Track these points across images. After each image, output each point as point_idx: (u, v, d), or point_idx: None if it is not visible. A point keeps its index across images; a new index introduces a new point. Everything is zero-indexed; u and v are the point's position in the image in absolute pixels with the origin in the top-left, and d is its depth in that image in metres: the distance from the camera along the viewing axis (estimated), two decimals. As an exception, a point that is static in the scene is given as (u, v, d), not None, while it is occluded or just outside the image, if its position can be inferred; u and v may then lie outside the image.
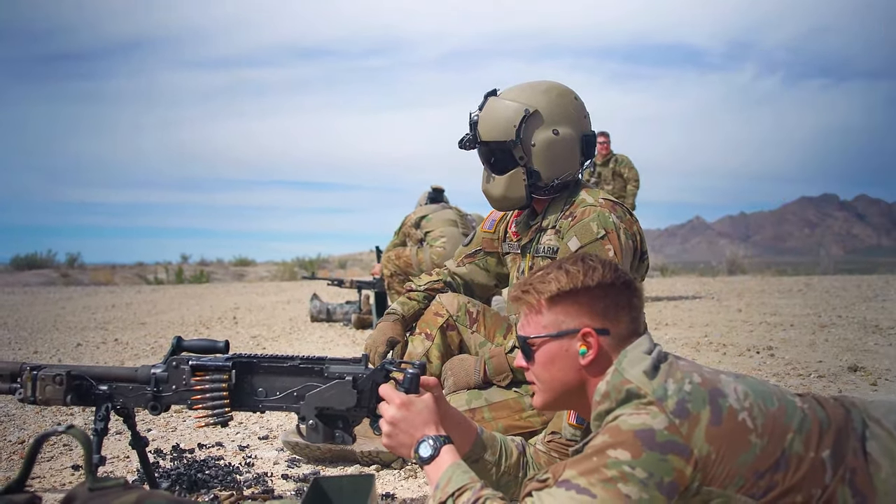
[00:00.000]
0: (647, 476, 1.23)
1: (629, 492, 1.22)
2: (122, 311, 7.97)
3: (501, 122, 2.27)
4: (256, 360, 1.75)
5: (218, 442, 2.69)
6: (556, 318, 1.44)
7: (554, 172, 2.28)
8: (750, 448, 1.27)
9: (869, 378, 3.70)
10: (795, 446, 1.29)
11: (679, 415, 1.27)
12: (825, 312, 6.51)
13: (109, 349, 5.22)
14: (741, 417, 1.29)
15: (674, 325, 6.03)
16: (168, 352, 1.77)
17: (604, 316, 1.42)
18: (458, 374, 2.40)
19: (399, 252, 5.81)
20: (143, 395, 1.74)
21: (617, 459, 1.24)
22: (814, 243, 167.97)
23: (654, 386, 1.31)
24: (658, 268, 16.35)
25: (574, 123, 2.30)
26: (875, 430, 1.36)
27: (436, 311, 2.48)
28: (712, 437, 1.26)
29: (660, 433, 1.25)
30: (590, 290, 1.42)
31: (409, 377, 1.58)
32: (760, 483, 1.26)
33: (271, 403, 1.74)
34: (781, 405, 1.33)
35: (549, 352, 1.45)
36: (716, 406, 1.29)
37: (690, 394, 1.30)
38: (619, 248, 2.15)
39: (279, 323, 6.87)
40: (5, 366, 1.71)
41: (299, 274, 15.12)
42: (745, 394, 1.33)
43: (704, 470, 1.25)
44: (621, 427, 1.28)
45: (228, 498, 2.07)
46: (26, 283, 13.99)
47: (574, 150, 2.30)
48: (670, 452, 1.24)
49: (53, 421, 3.09)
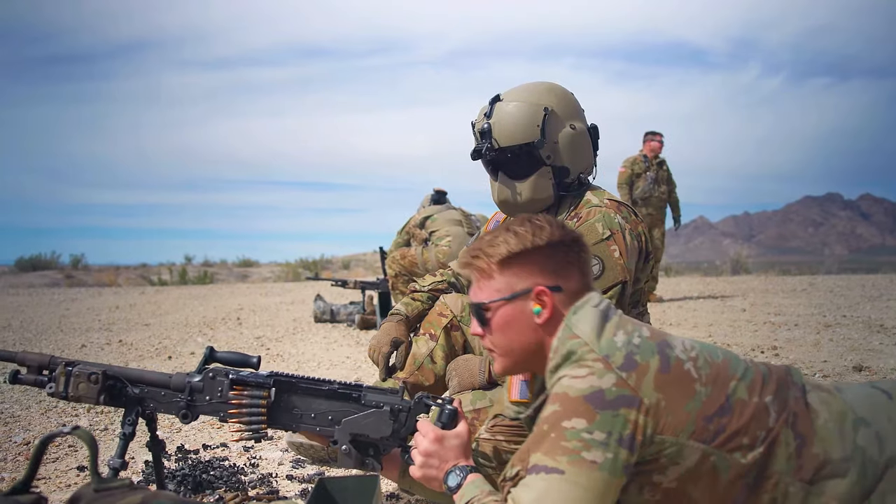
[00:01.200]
0: (606, 436, 1.26)
1: (594, 457, 1.26)
2: (126, 312, 7.98)
3: (521, 124, 2.25)
4: (296, 380, 1.75)
5: (222, 443, 2.69)
6: (508, 280, 1.44)
7: (579, 167, 2.30)
8: (695, 395, 1.31)
9: (874, 377, 3.69)
10: (739, 392, 1.34)
11: (627, 367, 1.31)
12: (829, 312, 6.50)
13: (114, 350, 5.23)
14: (686, 367, 1.33)
15: (678, 325, 6.02)
16: (201, 361, 1.77)
17: (555, 273, 1.44)
18: (462, 374, 2.39)
19: (404, 252, 5.80)
20: (175, 403, 1.74)
21: (574, 428, 1.27)
22: (818, 243, 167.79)
23: (601, 341, 1.34)
24: (662, 268, 16.33)
25: (581, 117, 2.34)
26: (813, 384, 1.43)
27: (440, 311, 2.47)
28: (660, 384, 1.30)
29: (608, 391, 1.29)
30: (540, 250, 1.44)
31: (447, 413, 1.59)
32: (709, 427, 1.30)
33: (306, 425, 1.74)
34: (726, 359, 1.39)
35: (505, 315, 1.45)
36: (664, 356, 1.34)
37: (639, 346, 1.34)
38: (624, 249, 2.14)
39: (283, 323, 6.88)
40: (33, 357, 1.71)
41: (303, 275, 15.13)
42: (692, 346, 1.38)
43: (656, 417, 1.29)
44: (569, 394, 1.31)
45: (233, 498, 2.07)
46: (30, 285, 14.03)
47: (589, 143, 2.34)
48: (622, 406, 1.28)
49: (58, 422, 3.09)
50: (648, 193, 8.05)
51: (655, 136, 8.29)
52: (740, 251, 16.82)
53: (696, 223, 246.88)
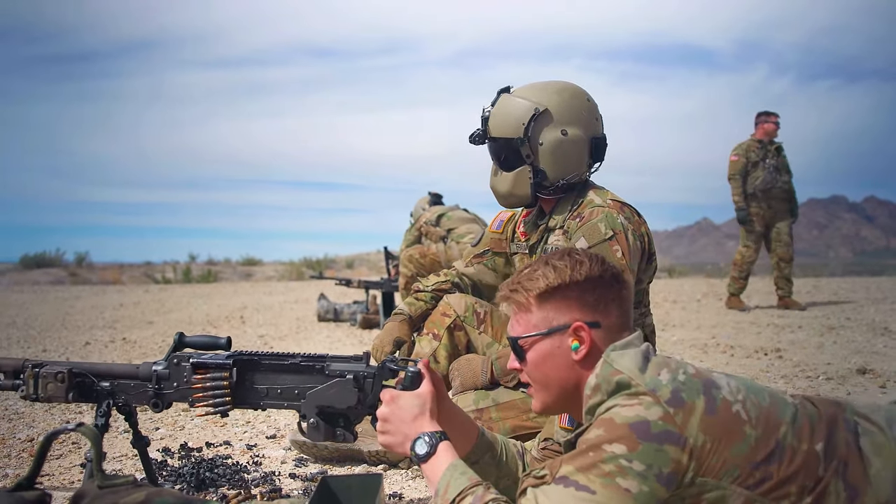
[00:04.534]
0: (646, 468, 1.22)
1: (629, 486, 1.22)
2: (130, 310, 7.99)
3: (511, 119, 2.27)
4: (257, 357, 1.75)
5: (226, 441, 2.70)
6: (546, 315, 1.42)
7: (560, 173, 2.27)
8: (744, 439, 1.26)
9: (878, 381, 3.68)
10: (789, 438, 1.28)
11: (674, 404, 1.26)
12: (833, 314, 6.49)
13: (118, 348, 5.24)
14: (735, 409, 1.28)
15: (681, 327, 6.02)
16: (170, 348, 1.78)
17: (594, 309, 1.41)
18: (465, 374, 2.39)
19: (423, 251, 5.60)
20: (144, 393, 1.75)
21: (613, 454, 1.23)
22: (822, 245, 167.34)
23: (646, 377, 1.30)
24: (666, 269, 16.28)
25: (584, 125, 2.29)
26: (865, 425, 1.36)
27: (443, 311, 2.48)
28: (707, 426, 1.26)
29: (655, 424, 1.24)
30: (578, 285, 1.41)
31: (409, 376, 1.53)
32: (755, 474, 1.26)
33: (272, 401, 1.75)
34: (773, 400, 1.33)
35: (542, 350, 1.43)
36: (710, 396, 1.28)
37: (685, 384, 1.29)
38: (626, 249, 2.14)
39: (286, 322, 6.88)
40: (8, 362, 1.72)
41: (307, 274, 15.14)
42: (738, 388, 1.33)
43: (699, 460, 1.25)
44: (615, 420, 1.27)
45: (236, 497, 2.07)
46: (35, 282, 14.06)
47: (582, 151, 2.29)
48: (666, 442, 1.24)
49: (62, 419, 3.10)
50: (770, 184, 6.88)
51: (770, 116, 7.04)
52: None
53: (700, 224, 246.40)
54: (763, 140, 6.95)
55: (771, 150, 6.92)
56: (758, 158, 6.89)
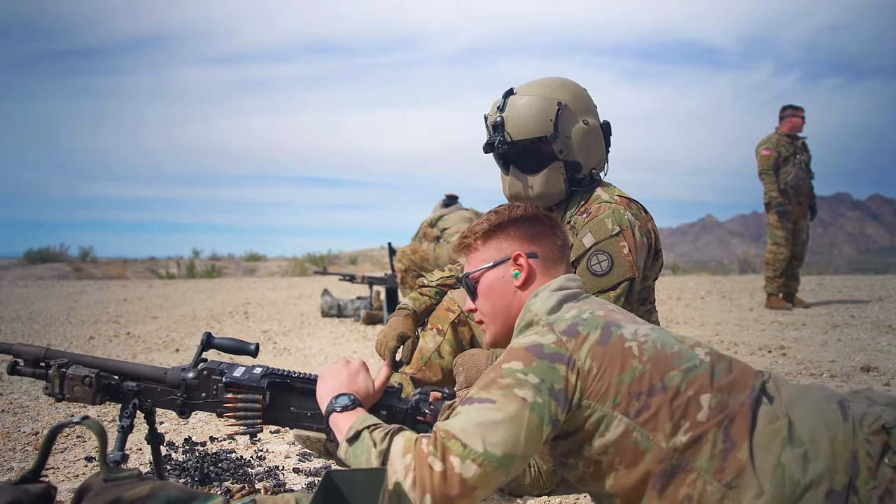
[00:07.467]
0: (540, 381, 1.37)
1: (525, 395, 1.36)
2: (133, 305, 8.01)
3: (534, 118, 2.25)
4: (290, 381, 1.72)
5: (229, 435, 2.70)
6: (491, 251, 1.64)
7: (591, 162, 2.32)
8: (630, 370, 1.38)
9: (882, 378, 3.67)
10: (676, 381, 1.38)
11: (567, 333, 1.42)
12: (838, 312, 6.47)
13: (122, 342, 5.25)
14: (628, 345, 1.41)
15: (685, 324, 6.01)
16: (198, 349, 1.74)
17: (531, 241, 1.63)
18: (469, 369, 2.39)
19: (415, 247, 5.90)
20: (171, 400, 1.71)
21: (511, 369, 1.39)
22: (826, 243, 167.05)
23: (551, 316, 1.47)
24: (670, 266, 16.28)
25: (593, 114, 2.35)
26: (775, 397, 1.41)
27: (447, 306, 2.47)
28: (596, 354, 1.39)
29: (547, 346, 1.41)
30: (515, 222, 1.64)
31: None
32: (635, 403, 1.37)
33: (303, 423, 1.72)
34: (679, 350, 1.43)
35: (489, 281, 1.63)
36: (607, 331, 1.42)
37: (585, 320, 1.44)
38: (633, 246, 2.14)
39: (290, 318, 6.89)
40: (30, 350, 1.70)
41: (310, 269, 15.15)
42: (645, 333, 1.44)
43: (585, 381, 1.38)
44: (514, 346, 1.45)
45: (240, 491, 2.07)
46: (39, 277, 14.10)
47: (601, 138, 2.35)
48: (557, 361, 1.38)
49: (67, 412, 3.11)
50: (802, 181, 6.73)
51: (798, 110, 6.84)
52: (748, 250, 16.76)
53: (703, 222, 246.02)
54: (791, 134, 6.78)
55: (799, 146, 6.78)
56: (788, 154, 6.73)
